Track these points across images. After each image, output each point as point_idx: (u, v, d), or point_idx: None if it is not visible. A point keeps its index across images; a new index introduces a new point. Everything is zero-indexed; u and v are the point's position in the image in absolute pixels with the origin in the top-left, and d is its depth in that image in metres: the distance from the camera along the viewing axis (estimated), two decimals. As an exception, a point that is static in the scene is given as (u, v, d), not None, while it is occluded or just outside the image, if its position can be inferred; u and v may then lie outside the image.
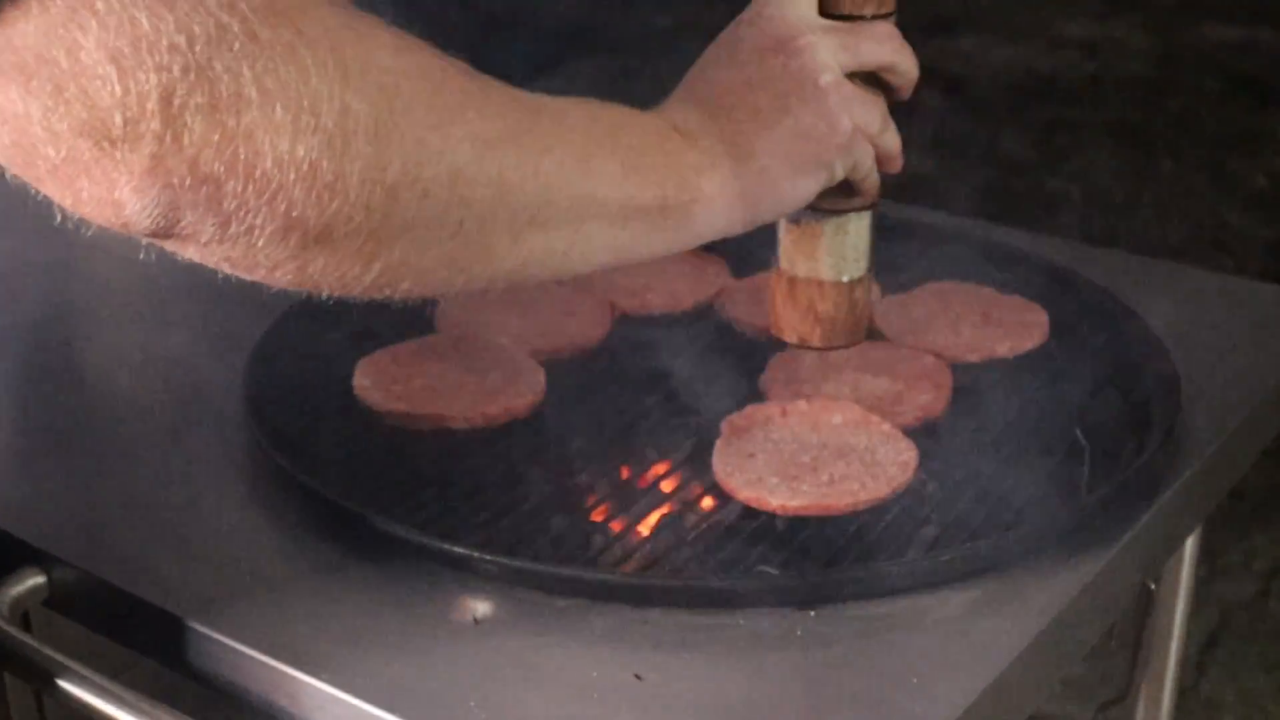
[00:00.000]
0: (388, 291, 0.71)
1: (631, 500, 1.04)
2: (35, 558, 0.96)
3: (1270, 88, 4.62)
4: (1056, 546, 0.94)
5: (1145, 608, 1.16)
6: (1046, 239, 1.40)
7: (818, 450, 1.03)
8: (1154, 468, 1.01)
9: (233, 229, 0.64)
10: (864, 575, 0.92)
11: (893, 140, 0.85)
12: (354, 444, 1.08)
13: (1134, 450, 1.04)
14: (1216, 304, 1.27)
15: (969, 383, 1.14)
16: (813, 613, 0.90)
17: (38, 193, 0.66)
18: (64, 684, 0.88)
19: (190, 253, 0.67)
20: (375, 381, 1.12)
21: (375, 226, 0.66)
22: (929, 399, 1.10)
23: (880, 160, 0.86)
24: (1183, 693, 2.25)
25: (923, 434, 1.07)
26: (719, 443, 1.05)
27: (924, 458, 1.03)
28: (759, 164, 0.80)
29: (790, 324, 0.96)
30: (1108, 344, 1.17)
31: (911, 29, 0.88)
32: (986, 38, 4.99)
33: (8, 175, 0.66)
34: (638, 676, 0.85)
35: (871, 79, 0.84)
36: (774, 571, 0.94)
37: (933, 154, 4.19)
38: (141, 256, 0.70)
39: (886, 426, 1.05)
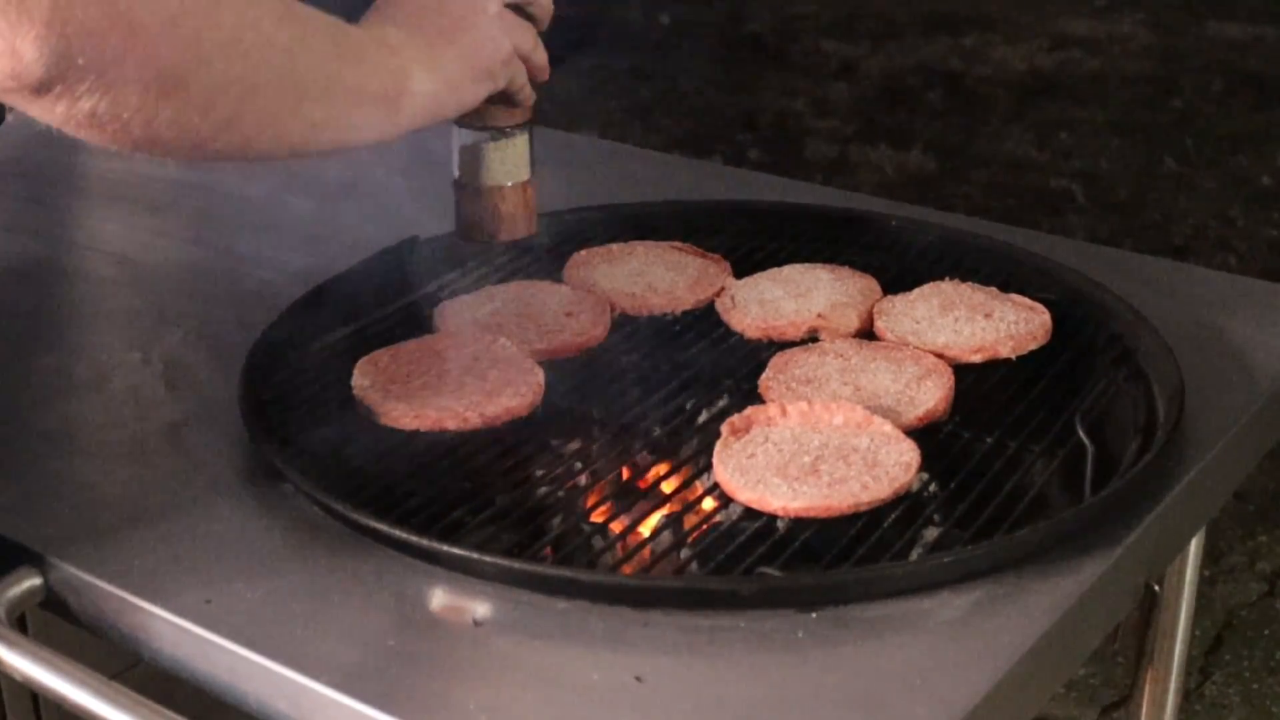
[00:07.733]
0: (215, 148, 0.88)
1: (632, 501, 1.04)
2: (31, 560, 0.96)
3: (1275, 86, 4.62)
4: (1060, 548, 0.94)
5: (1149, 609, 1.16)
6: (1049, 238, 1.40)
7: (819, 451, 1.03)
8: (1158, 468, 1.00)
9: (109, 76, 0.79)
10: (866, 577, 0.91)
11: (542, 57, 1.10)
12: (353, 444, 1.08)
13: (1137, 451, 1.03)
14: (1221, 303, 1.27)
15: (971, 383, 1.13)
16: (814, 614, 0.89)
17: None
18: (60, 685, 0.87)
19: (59, 109, 0.80)
20: (375, 381, 1.12)
21: (214, 81, 0.85)
22: (931, 399, 1.09)
23: (533, 72, 1.10)
24: (1186, 695, 2.25)
25: (924, 435, 1.06)
26: (719, 444, 1.04)
27: (926, 458, 1.03)
28: (445, 72, 1.02)
29: (479, 225, 1.14)
30: (1111, 344, 1.17)
31: (913, 27, 0.90)
32: (989, 36, 4.98)
33: None
34: (638, 679, 0.84)
35: (522, 12, 1.08)
36: (775, 573, 0.93)
37: (934, 153, 4.19)
38: (140, 255, 0.69)
39: (888, 427, 1.05)
